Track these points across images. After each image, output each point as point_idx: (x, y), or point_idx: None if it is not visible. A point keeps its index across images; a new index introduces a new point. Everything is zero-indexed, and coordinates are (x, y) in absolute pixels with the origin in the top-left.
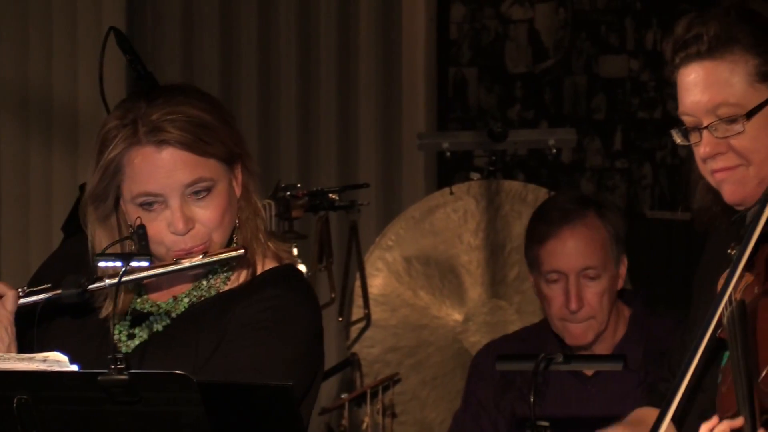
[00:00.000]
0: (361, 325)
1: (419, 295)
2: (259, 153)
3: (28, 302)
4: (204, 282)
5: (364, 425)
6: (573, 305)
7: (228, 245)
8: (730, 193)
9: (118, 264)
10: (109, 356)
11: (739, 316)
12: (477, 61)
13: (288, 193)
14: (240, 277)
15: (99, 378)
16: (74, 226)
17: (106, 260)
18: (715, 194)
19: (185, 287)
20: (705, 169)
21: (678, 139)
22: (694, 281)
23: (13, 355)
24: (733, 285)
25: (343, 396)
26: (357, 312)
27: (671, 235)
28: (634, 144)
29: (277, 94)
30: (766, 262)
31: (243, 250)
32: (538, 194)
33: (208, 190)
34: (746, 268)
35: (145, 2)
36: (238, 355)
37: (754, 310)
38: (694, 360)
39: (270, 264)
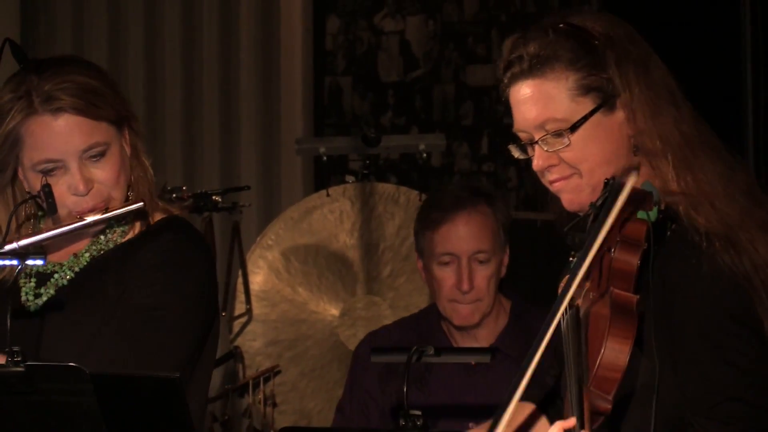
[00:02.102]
0: (243, 319)
1: (298, 291)
2: None
3: None
4: (102, 237)
5: (247, 414)
6: (464, 285)
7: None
8: (567, 201)
9: (14, 263)
10: (6, 349)
11: (572, 323)
12: (351, 70)
13: (173, 195)
14: (135, 230)
15: None
16: None
17: (2, 259)
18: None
19: (83, 245)
20: (544, 180)
21: (516, 154)
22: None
23: None
24: (571, 293)
25: (226, 387)
26: (239, 307)
27: (535, 234)
28: (500, 148)
29: (162, 101)
30: (600, 269)
31: (142, 203)
32: (409, 196)
33: (103, 153)
34: (586, 276)
35: (38, 13)
36: (142, 296)
37: (587, 317)
38: (531, 363)
39: (161, 216)
